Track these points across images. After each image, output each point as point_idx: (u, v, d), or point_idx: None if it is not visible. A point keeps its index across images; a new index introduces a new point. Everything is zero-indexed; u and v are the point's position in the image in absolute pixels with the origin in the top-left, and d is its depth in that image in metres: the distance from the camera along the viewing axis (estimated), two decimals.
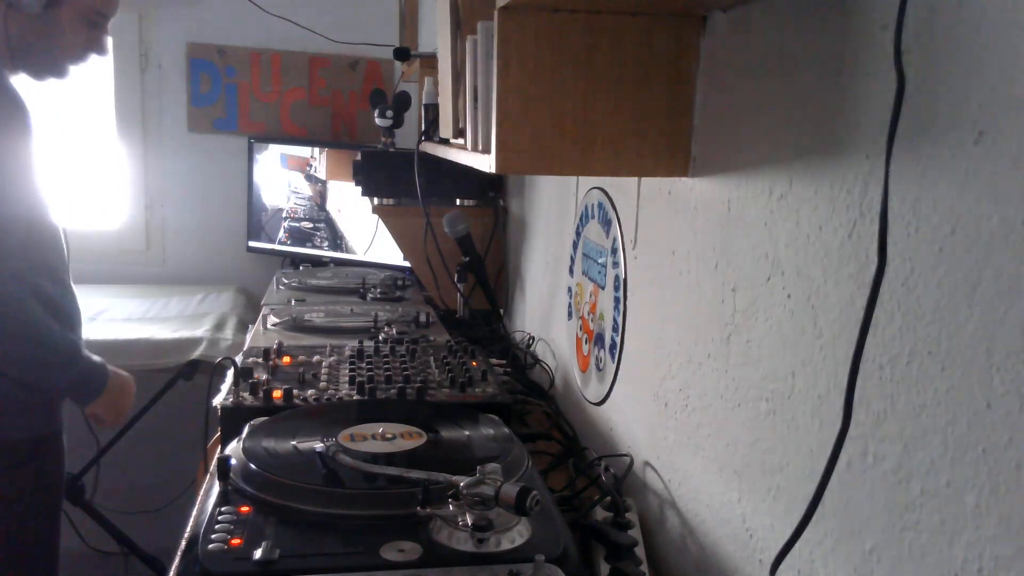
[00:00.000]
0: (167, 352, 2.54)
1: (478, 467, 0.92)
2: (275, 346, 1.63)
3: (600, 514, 1.18)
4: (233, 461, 1.04)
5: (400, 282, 2.57)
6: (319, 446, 1.06)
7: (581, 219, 1.66)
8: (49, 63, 1.64)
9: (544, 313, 2.03)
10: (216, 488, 1.01)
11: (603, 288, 1.51)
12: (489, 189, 2.51)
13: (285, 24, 3.20)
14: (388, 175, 2.42)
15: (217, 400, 1.40)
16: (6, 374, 1.63)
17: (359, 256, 3.06)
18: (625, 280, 1.39)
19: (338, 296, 2.45)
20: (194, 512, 1.19)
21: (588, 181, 1.62)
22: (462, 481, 0.91)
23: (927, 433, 0.68)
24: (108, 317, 2.78)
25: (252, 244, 3.38)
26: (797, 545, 0.73)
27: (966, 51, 0.64)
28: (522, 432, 1.47)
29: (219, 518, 0.93)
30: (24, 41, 1.58)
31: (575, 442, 1.56)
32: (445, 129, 1.59)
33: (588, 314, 1.61)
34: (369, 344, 1.72)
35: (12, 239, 1.55)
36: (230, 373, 1.54)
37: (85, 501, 2.02)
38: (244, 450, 1.08)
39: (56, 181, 1.60)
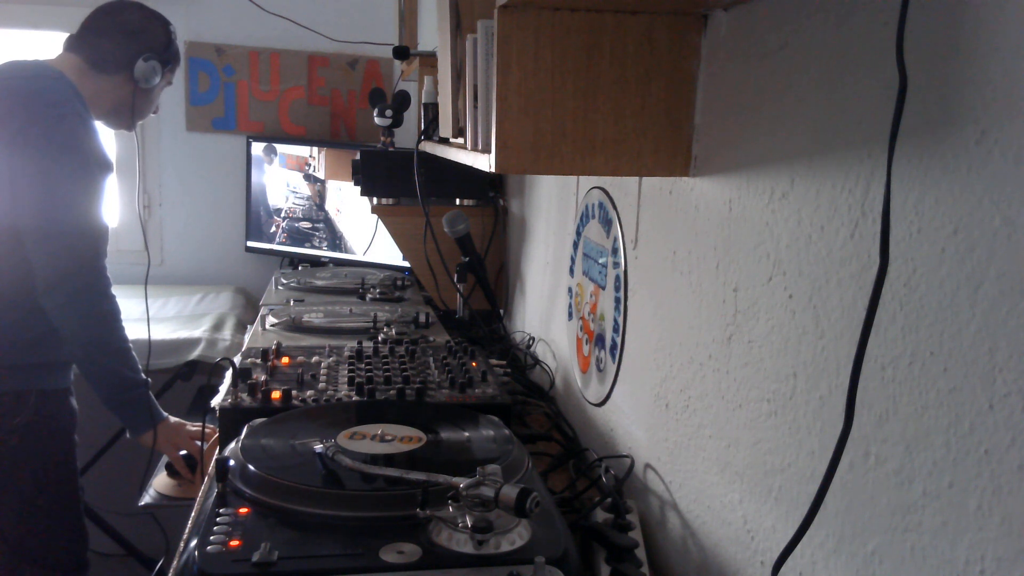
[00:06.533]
0: (165, 353, 2.54)
1: (478, 468, 0.91)
2: (274, 347, 1.62)
3: (601, 515, 1.18)
4: (232, 462, 1.04)
5: (399, 282, 2.57)
6: (318, 447, 1.06)
7: (581, 219, 1.66)
8: (135, 121, 2.00)
9: (544, 313, 2.03)
10: (215, 489, 1.01)
11: (604, 288, 1.51)
12: (489, 189, 2.50)
13: (284, 23, 3.19)
14: (387, 174, 2.42)
15: (215, 401, 1.39)
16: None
17: (358, 256, 3.06)
18: (626, 280, 1.39)
19: (337, 296, 2.44)
20: (193, 513, 1.18)
21: (588, 181, 1.62)
22: (462, 482, 0.91)
23: (929, 434, 0.68)
24: None
25: (250, 244, 3.37)
26: (799, 547, 0.72)
27: (969, 50, 0.63)
28: (522, 433, 1.47)
29: (218, 519, 0.93)
30: (141, 110, 1.97)
31: (575, 443, 1.55)
32: (445, 128, 1.59)
33: (589, 314, 1.61)
34: (368, 345, 1.72)
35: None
36: (228, 374, 1.53)
37: (83, 502, 2.01)
38: (243, 451, 1.07)
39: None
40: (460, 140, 1.45)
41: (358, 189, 2.45)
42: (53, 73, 1.78)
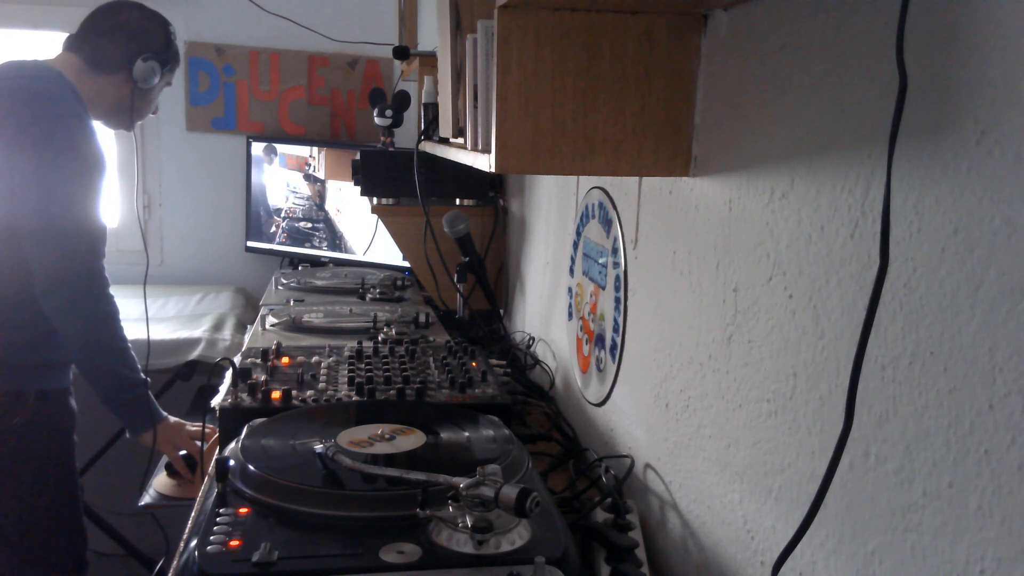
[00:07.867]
0: (165, 353, 2.54)
1: (478, 468, 0.91)
2: (274, 347, 1.62)
3: (601, 515, 1.18)
4: (232, 462, 1.04)
5: (399, 282, 2.57)
6: (318, 447, 1.06)
7: (581, 219, 1.66)
8: (134, 121, 2.00)
9: (544, 313, 2.03)
10: (215, 489, 1.01)
11: (604, 288, 1.51)
12: (489, 189, 2.50)
13: (284, 23, 3.19)
14: (387, 174, 2.42)
15: (215, 401, 1.39)
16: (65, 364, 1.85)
17: (358, 256, 3.06)
18: (626, 280, 1.39)
19: (337, 296, 2.44)
20: (193, 513, 1.18)
21: (588, 181, 1.62)
22: (462, 482, 0.91)
23: (929, 434, 0.68)
24: None
25: (250, 244, 3.37)
26: (799, 546, 0.72)
27: (969, 50, 0.63)
28: (522, 433, 1.47)
29: (218, 519, 0.93)
30: (140, 110, 1.97)
31: (575, 443, 1.55)
32: (445, 128, 1.59)
33: (589, 314, 1.61)
34: (368, 345, 1.72)
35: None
36: (228, 374, 1.53)
37: (83, 502, 2.01)
38: (243, 451, 1.07)
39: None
40: (460, 140, 1.45)
41: (358, 189, 2.45)
42: (52, 73, 1.78)
